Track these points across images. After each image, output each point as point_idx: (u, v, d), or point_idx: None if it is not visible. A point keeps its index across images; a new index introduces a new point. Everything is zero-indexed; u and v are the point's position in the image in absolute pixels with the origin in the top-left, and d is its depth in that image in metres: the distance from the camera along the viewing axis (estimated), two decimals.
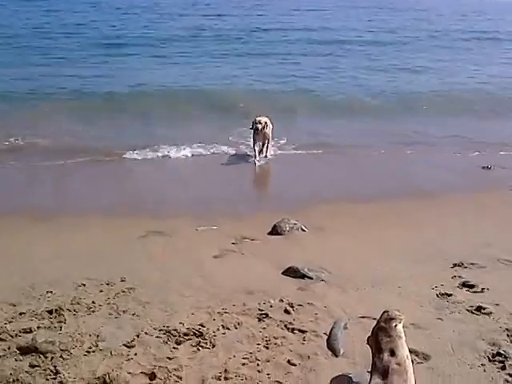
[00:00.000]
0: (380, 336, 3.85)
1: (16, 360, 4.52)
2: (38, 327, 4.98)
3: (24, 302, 5.48)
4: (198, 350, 4.64)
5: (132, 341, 4.75)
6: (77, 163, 10.87)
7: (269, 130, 11.52)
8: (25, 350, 4.61)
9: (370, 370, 3.83)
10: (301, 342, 4.73)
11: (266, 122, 11.38)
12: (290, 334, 4.87)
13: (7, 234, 7.50)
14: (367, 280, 5.86)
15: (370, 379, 3.71)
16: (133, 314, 5.24)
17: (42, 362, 4.47)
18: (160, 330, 4.92)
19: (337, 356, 4.53)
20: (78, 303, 5.41)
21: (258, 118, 11.45)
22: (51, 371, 4.34)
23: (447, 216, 8.18)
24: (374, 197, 9.05)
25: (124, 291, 5.70)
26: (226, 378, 4.23)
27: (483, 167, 10.91)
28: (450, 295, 5.46)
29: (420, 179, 10.31)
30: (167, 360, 4.48)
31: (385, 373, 3.65)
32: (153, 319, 5.13)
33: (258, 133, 11.33)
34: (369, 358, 3.91)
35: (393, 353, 3.73)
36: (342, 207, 8.49)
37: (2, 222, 7.96)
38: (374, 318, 4.36)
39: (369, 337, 4.00)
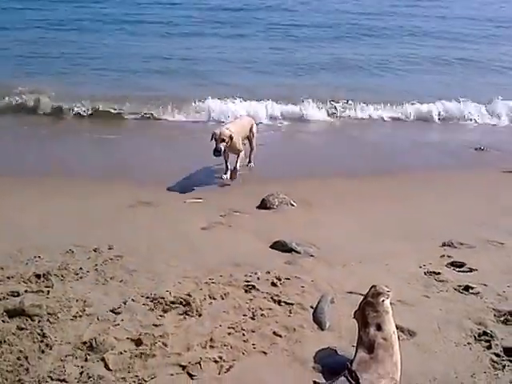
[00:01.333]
0: (367, 310, 3.88)
1: (3, 322, 4.53)
2: (26, 291, 4.97)
3: (12, 265, 5.47)
4: (185, 318, 4.64)
5: (119, 307, 4.75)
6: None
7: (238, 140, 8.73)
8: (12, 313, 4.61)
9: (355, 344, 3.88)
10: (287, 315, 4.74)
11: (230, 136, 8.43)
12: (277, 306, 4.88)
13: None
14: (355, 256, 5.87)
15: (356, 353, 3.75)
16: (120, 281, 5.24)
17: (29, 324, 4.47)
18: (147, 298, 4.92)
19: (323, 329, 4.55)
20: (66, 269, 5.40)
21: (218, 131, 8.51)
22: (38, 334, 4.34)
23: (438, 195, 8.20)
24: (363, 173, 9.08)
25: (111, 259, 5.69)
26: (211, 347, 4.25)
27: (475, 148, 10.93)
28: (438, 273, 5.48)
29: (410, 157, 10.35)
30: (153, 327, 4.48)
31: (371, 347, 3.68)
32: (140, 287, 5.13)
33: (221, 154, 8.50)
34: (355, 332, 3.96)
35: (379, 327, 3.76)
36: (331, 183, 8.50)
37: None
38: (361, 294, 4.39)
39: (355, 311, 4.03)
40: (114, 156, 10.03)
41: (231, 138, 8.44)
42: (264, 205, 7.58)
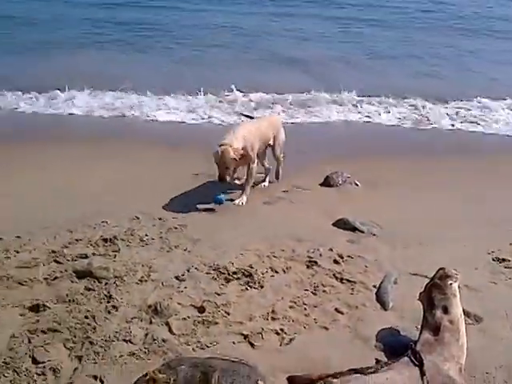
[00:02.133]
0: (434, 292, 3.81)
1: (72, 282, 4.70)
2: (93, 254, 5.14)
3: (80, 229, 5.66)
4: (247, 289, 4.70)
5: (183, 274, 4.85)
6: None
7: (250, 150, 6.62)
8: (80, 274, 4.79)
9: (419, 325, 3.83)
10: (349, 292, 4.72)
11: (234, 159, 6.27)
12: (339, 283, 4.86)
13: (61, 161, 7.71)
14: (419, 238, 5.76)
15: (420, 334, 3.70)
16: (184, 250, 5.33)
17: (97, 286, 4.63)
18: (210, 267, 4.99)
19: (385, 309, 4.51)
20: (132, 235, 5.55)
21: (217, 154, 6.30)
22: (105, 295, 4.49)
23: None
24: (430, 155, 8.85)
25: (176, 227, 5.79)
26: (273, 318, 4.29)
27: None
28: (507, 261, 5.32)
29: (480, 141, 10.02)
30: (216, 296, 4.56)
31: (436, 329, 3.62)
32: (203, 256, 5.21)
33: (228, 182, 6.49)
34: (418, 313, 3.91)
35: (446, 310, 3.69)
36: (397, 164, 8.30)
37: (57, 150, 8.18)
38: (426, 276, 4.37)
39: (421, 293, 3.97)
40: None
41: (238, 155, 6.31)
42: (327, 182, 7.51)
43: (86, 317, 4.20)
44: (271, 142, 7.20)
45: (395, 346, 3.93)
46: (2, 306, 4.31)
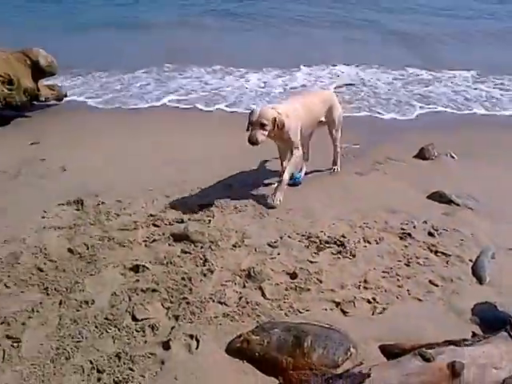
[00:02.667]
0: None
1: (169, 245, 4.88)
2: (189, 219, 5.30)
3: (177, 194, 5.84)
4: (339, 258, 4.70)
5: (275, 242, 4.91)
6: None
7: (293, 127, 5.73)
8: (177, 238, 4.95)
9: None
10: (444, 265, 4.63)
11: (275, 119, 5.43)
12: (433, 255, 4.77)
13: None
14: None
15: None
16: (277, 218, 5.40)
17: (193, 249, 4.78)
18: (302, 235, 5.03)
19: (481, 283, 4.39)
20: (226, 202, 5.67)
21: (256, 110, 5.55)
22: (201, 259, 4.64)
23: None
24: None
25: (268, 196, 5.84)
26: (365, 288, 4.28)
27: None
28: None
29: None
30: (308, 263, 4.60)
31: None
32: (295, 225, 5.26)
33: (257, 144, 5.45)
34: None
35: None
36: (496, 136, 7.99)
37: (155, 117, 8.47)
38: None
39: None
40: None
41: (276, 121, 5.48)
42: (422, 155, 7.33)
43: (183, 278, 4.35)
44: (323, 119, 6.36)
45: (492, 321, 3.83)
46: (104, 266, 4.54)
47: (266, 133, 5.43)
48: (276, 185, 5.82)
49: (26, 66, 8.80)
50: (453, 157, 7.31)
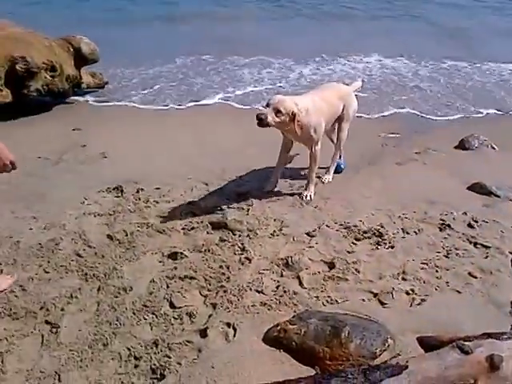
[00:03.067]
0: None
1: (207, 233, 4.91)
2: (228, 207, 5.32)
3: (215, 182, 5.89)
4: (377, 248, 4.69)
5: (313, 231, 4.92)
6: None
7: (313, 122, 5.42)
8: (215, 226, 4.99)
9: None
10: (483, 257, 4.58)
11: (293, 113, 5.13)
12: (473, 247, 4.73)
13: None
14: None
15: None
16: (315, 207, 5.40)
17: (231, 238, 4.80)
18: (340, 225, 5.03)
19: None
20: (264, 191, 5.70)
21: (275, 98, 5.22)
22: (239, 247, 4.66)
23: None
24: None
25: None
26: (403, 279, 4.25)
27: None
28: None
29: None
30: (346, 253, 4.59)
31: None
32: (333, 214, 5.25)
33: (263, 125, 5.08)
34: None
35: None
36: None
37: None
38: None
39: None
40: None
41: (295, 115, 5.15)
42: (462, 145, 7.25)
43: (221, 266, 4.38)
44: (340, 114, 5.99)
45: None
46: (142, 253, 4.59)
47: (279, 120, 5.09)
48: (305, 186, 5.73)
49: (68, 53, 8.89)
50: (494, 148, 7.20)
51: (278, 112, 5.06)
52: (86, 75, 9.41)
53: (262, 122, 5.01)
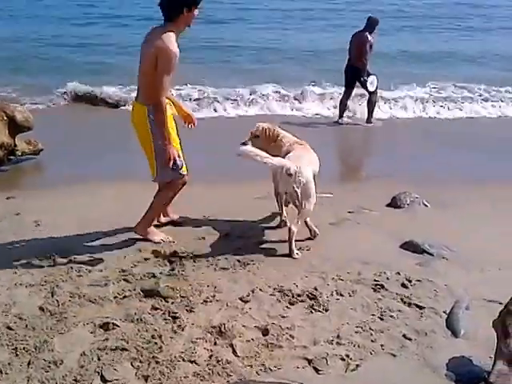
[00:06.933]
0: (508, 321, 3.63)
1: (140, 301, 4.75)
2: (161, 273, 5.21)
3: (149, 248, 5.75)
4: (311, 312, 4.61)
5: (247, 295, 4.82)
6: None
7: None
8: (148, 293, 4.84)
9: (492, 355, 3.65)
10: (418, 318, 4.56)
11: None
12: (407, 308, 4.71)
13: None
14: (494, 262, 5.52)
15: (494, 365, 3.52)
16: (248, 271, 5.31)
17: (164, 305, 4.65)
18: (274, 289, 4.94)
19: (456, 336, 4.32)
20: (198, 255, 5.59)
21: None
22: (171, 315, 4.51)
23: None
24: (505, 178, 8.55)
25: (240, 248, 5.78)
26: (338, 344, 4.17)
27: None
28: None
29: None
30: (280, 318, 4.49)
31: (511, 360, 3.45)
32: (267, 277, 5.17)
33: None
34: (492, 342, 3.71)
35: None
36: (468, 185, 8.07)
37: None
38: (501, 303, 4.13)
39: (494, 320, 3.79)
40: None
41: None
42: (394, 203, 7.35)
43: (153, 336, 4.22)
44: None
45: (467, 377, 3.77)
46: (74, 324, 4.40)
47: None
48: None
49: (2, 121, 8.77)
50: (426, 205, 7.34)
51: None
52: (20, 142, 9.21)
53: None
